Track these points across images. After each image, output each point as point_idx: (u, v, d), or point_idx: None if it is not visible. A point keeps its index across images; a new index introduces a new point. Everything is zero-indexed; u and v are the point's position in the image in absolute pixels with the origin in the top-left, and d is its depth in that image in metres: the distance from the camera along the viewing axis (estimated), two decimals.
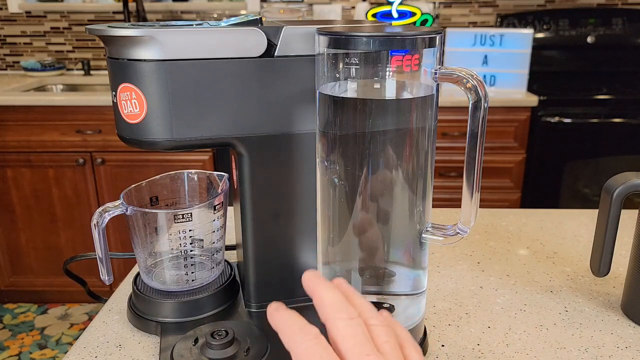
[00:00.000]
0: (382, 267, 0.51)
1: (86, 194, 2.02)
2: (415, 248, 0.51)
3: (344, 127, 0.46)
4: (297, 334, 0.31)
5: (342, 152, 0.47)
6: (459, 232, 0.48)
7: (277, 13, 2.17)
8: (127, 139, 0.51)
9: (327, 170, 0.49)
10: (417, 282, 0.52)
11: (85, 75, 2.42)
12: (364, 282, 0.51)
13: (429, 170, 0.48)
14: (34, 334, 2.01)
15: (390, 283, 0.52)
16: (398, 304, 0.53)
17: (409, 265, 0.52)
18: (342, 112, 0.46)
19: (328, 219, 0.51)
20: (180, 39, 0.47)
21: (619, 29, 2.25)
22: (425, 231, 0.50)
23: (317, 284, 0.34)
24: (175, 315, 0.58)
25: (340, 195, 0.49)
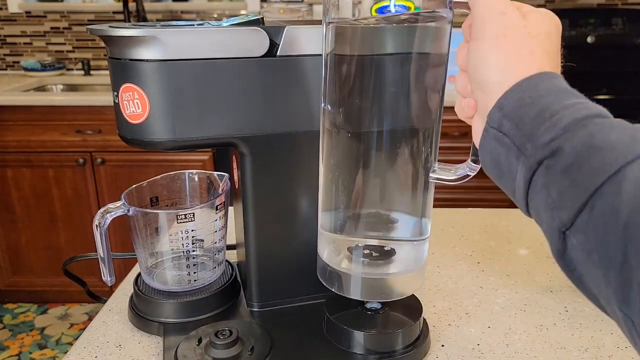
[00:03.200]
0: (384, 213, 0.50)
1: (86, 194, 2.02)
2: (420, 194, 0.49)
3: (351, 60, 0.44)
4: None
5: (347, 88, 0.45)
6: (469, 170, 0.45)
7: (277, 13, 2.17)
8: (129, 139, 0.51)
9: (330, 113, 0.48)
10: (420, 228, 0.51)
11: (85, 75, 2.41)
12: (366, 227, 0.50)
13: (439, 107, 0.46)
14: (34, 334, 2.01)
15: (393, 229, 0.51)
16: (399, 249, 0.52)
17: (411, 212, 0.51)
18: (351, 39, 0.44)
19: (330, 164, 0.49)
20: (182, 38, 0.47)
21: (619, 29, 2.25)
22: (433, 171, 0.48)
23: None
24: (178, 316, 0.58)
25: (344, 137, 0.48)
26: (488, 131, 0.36)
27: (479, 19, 0.37)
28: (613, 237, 0.27)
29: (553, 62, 0.36)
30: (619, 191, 0.28)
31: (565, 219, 0.30)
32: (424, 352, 0.55)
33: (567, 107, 0.32)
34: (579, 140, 0.31)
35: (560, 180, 0.31)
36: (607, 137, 0.30)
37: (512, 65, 0.35)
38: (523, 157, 0.33)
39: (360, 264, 0.51)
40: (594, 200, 0.29)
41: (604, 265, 0.28)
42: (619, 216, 0.27)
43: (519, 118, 0.34)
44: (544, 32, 0.36)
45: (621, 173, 0.28)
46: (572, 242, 0.30)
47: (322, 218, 0.53)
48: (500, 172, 0.36)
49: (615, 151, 0.29)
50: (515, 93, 0.35)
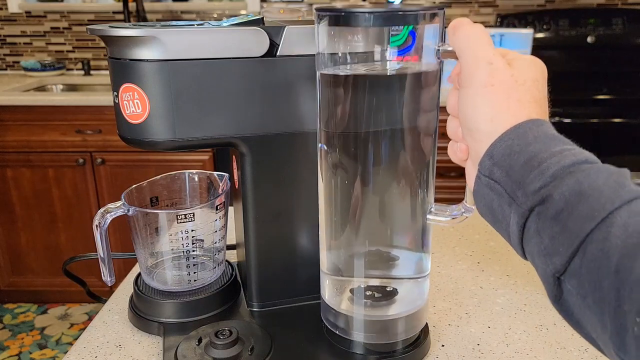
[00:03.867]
0: (385, 251, 0.50)
1: (86, 194, 2.02)
2: (419, 231, 0.50)
3: (345, 107, 0.45)
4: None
5: (343, 135, 0.46)
6: (465, 211, 0.46)
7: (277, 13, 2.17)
8: (129, 139, 0.51)
9: (328, 155, 0.49)
10: (421, 265, 0.52)
11: (85, 75, 2.41)
12: (367, 266, 0.51)
13: (432, 150, 0.47)
14: (34, 334, 2.01)
15: (394, 267, 0.51)
16: (401, 288, 0.52)
17: (412, 249, 0.51)
18: (342, 92, 0.46)
19: (330, 204, 0.50)
20: (183, 38, 0.47)
21: (619, 29, 2.25)
22: (429, 212, 0.48)
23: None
24: (178, 316, 0.58)
25: (342, 180, 0.48)
26: (480, 178, 0.37)
27: (467, 69, 0.38)
28: (605, 282, 0.28)
29: (540, 108, 0.37)
30: (608, 237, 0.28)
31: (558, 264, 0.31)
32: (424, 352, 0.55)
33: (554, 155, 0.33)
34: (567, 187, 0.31)
35: (551, 227, 0.32)
36: (594, 184, 0.31)
37: (501, 113, 0.36)
38: (515, 204, 0.34)
39: (362, 306, 0.52)
40: (585, 246, 0.29)
41: (598, 309, 0.29)
42: (610, 261, 0.28)
43: (509, 166, 0.35)
44: (530, 79, 0.37)
45: (609, 219, 0.29)
46: (567, 287, 0.31)
47: (323, 258, 0.54)
48: (494, 218, 0.37)
49: (603, 197, 0.30)
50: (504, 141, 0.36)
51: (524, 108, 0.36)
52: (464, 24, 0.39)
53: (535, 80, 0.38)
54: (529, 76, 0.37)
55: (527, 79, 0.37)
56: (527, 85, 0.37)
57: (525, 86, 0.37)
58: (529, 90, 0.37)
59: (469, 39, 0.38)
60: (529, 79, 0.37)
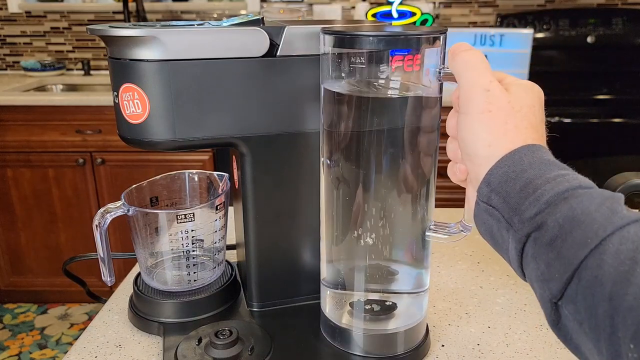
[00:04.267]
0: (385, 265, 0.51)
1: (86, 194, 2.02)
2: (418, 247, 0.51)
3: (348, 125, 0.47)
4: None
5: (345, 151, 0.47)
6: (463, 230, 0.47)
7: (277, 13, 2.17)
8: (129, 139, 0.51)
9: (330, 170, 0.49)
10: (420, 280, 0.52)
11: (85, 75, 2.41)
12: (366, 280, 0.51)
13: (432, 169, 0.48)
14: (34, 334, 2.01)
15: (393, 281, 0.52)
16: (400, 302, 0.53)
17: (411, 264, 0.52)
18: (346, 110, 0.47)
19: (332, 218, 0.51)
20: (183, 39, 0.47)
21: (619, 29, 2.25)
22: (429, 229, 0.50)
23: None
24: (177, 316, 0.58)
25: (344, 194, 0.49)
26: (479, 204, 0.38)
27: (465, 94, 0.39)
28: (600, 309, 0.28)
29: (537, 133, 0.38)
30: (601, 264, 0.29)
31: (555, 290, 0.32)
32: (424, 352, 0.55)
33: (548, 181, 0.34)
34: (561, 214, 0.32)
35: (547, 253, 0.32)
36: (586, 210, 0.31)
37: (498, 139, 0.37)
38: (512, 230, 0.35)
39: (362, 320, 0.52)
40: (580, 273, 0.30)
41: (594, 336, 0.29)
42: (604, 288, 0.28)
43: (506, 193, 0.35)
44: (526, 106, 0.38)
45: (602, 246, 0.29)
46: (564, 312, 0.32)
47: (324, 270, 0.54)
48: (495, 242, 0.38)
49: (595, 224, 0.30)
50: (501, 168, 0.36)
51: (521, 134, 0.37)
52: (462, 50, 0.40)
53: (531, 106, 0.38)
54: (526, 102, 0.38)
55: (524, 106, 0.38)
56: (524, 111, 0.38)
57: (522, 112, 0.38)
58: (525, 116, 0.38)
59: (466, 65, 0.39)
60: (525, 105, 0.38)
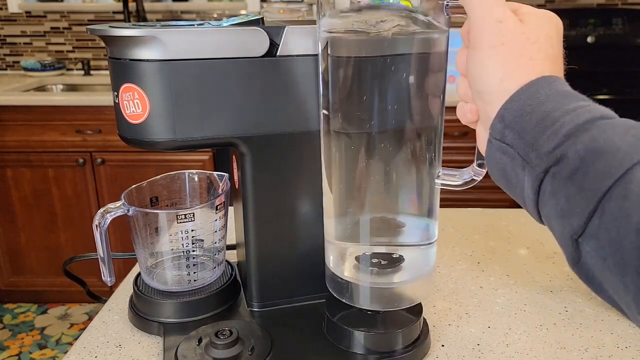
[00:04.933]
0: (391, 217, 0.50)
1: (86, 194, 2.02)
2: (426, 197, 0.49)
3: (348, 70, 0.44)
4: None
5: (347, 97, 0.45)
6: (474, 175, 0.45)
7: (277, 13, 2.17)
8: (129, 139, 0.51)
9: (331, 120, 0.47)
10: (427, 232, 0.51)
11: (85, 75, 2.41)
12: (372, 233, 0.50)
13: (440, 112, 0.46)
14: (34, 334, 2.01)
15: (400, 234, 0.50)
16: (407, 255, 0.52)
17: (419, 215, 0.50)
18: (347, 50, 0.44)
19: (334, 169, 0.49)
20: (183, 38, 0.47)
21: (619, 29, 2.25)
22: (438, 177, 0.47)
23: None
24: (177, 316, 0.58)
25: (346, 145, 0.47)
26: (492, 142, 0.36)
27: (476, 27, 0.37)
28: (626, 241, 0.27)
29: (555, 66, 0.36)
30: (628, 194, 0.27)
31: (576, 226, 0.30)
32: (424, 352, 0.55)
33: (567, 112, 0.32)
34: (582, 145, 0.30)
35: (567, 187, 0.30)
36: (610, 140, 0.29)
37: (512, 73, 0.35)
38: (529, 166, 0.33)
39: (369, 273, 0.51)
40: (603, 205, 0.28)
41: (620, 271, 0.28)
42: (630, 219, 0.27)
43: (521, 128, 0.33)
44: (543, 36, 0.36)
45: (628, 175, 0.27)
46: (585, 249, 0.30)
47: (328, 226, 0.53)
48: (508, 183, 0.36)
49: (620, 153, 0.28)
50: (515, 102, 0.34)
51: (536, 66, 0.35)
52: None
53: (549, 36, 0.36)
54: (542, 33, 0.36)
55: (540, 36, 0.35)
56: (540, 42, 0.35)
57: (538, 44, 0.35)
58: (541, 47, 0.35)
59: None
60: (542, 35, 0.36)
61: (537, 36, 0.36)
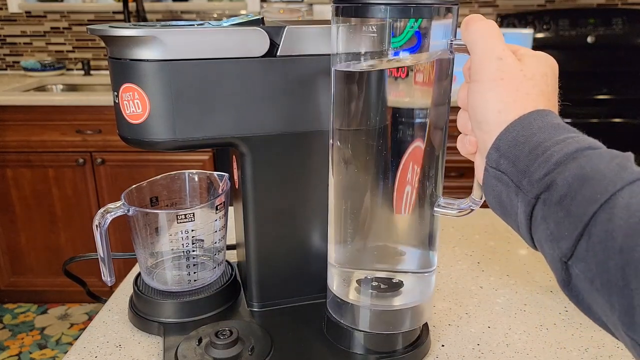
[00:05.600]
0: (392, 246, 0.51)
1: (86, 194, 2.02)
2: (426, 227, 0.50)
3: (358, 102, 0.46)
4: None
5: (355, 128, 0.47)
6: (472, 205, 0.47)
7: (277, 13, 2.17)
8: (129, 139, 0.51)
9: (339, 150, 0.49)
10: (427, 261, 0.52)
11: (85, 75, 2.41)
12: (374, 260, 0.51)
13: (442, 144, 0.48)
14: (34, 334, 2.01)
15: (400, 262, 0.52)
16: (407, 281, 0.52)
17: (419, 245, 0.51)
18: (356, 87, 0.46)
19: (340, 198, 0.50)
20: (183, 39, 0.47)
21: (619, 29, 2.25)
22: (437, 206, 0.49)
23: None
24: (177, 316, 0.58)
25: (353, 174, 0.48)
26: (488, 170, 0.38)
27: (478, 63, 0.39)
28: (611, 263, 0.28)
29: (549, 101, 0.38)
30: (612, 218, 0.29)
31: (565, 249, 0.32)
32: (424, 352, 0.55)
33: (558, 143, 0.34)
34: (570, 172, 0.32)
35: (556, 212, 0.32)
36: (596, 167, 0.31)
37: (509, 106, 0.37)
38: (521, 193, 0.35)
39: (369, 296, 0.52)
40: (590, 229, 0.30)
41: (606, 291, 0.29)
42: (615, 241, 0.28)
43: (515, 156, 0.36)
44: (539, 74, 0.38)
45: (612, 200, 0.29)
46: (574, 271, 0.31)
47: (331, 250, 0.54)
48: (504, 210, 0.38)
49: (605, 180, 0.30)
50: (510, 132, 0.36)
51: (532, 101, 0.37)
52: (477, 20, 0.40)
53: (544, 75, 0.39)
54: (538, 71, 0.38)
55: (536, 74, 0.38)
56: (536, 79, 0.38)
57: (534, 80, 0.38)
58: (537, 84, 0.38)
59: (481, 34, 0.39)
60: (537, 73, 0.38)
61: (533, 74, 0.38)
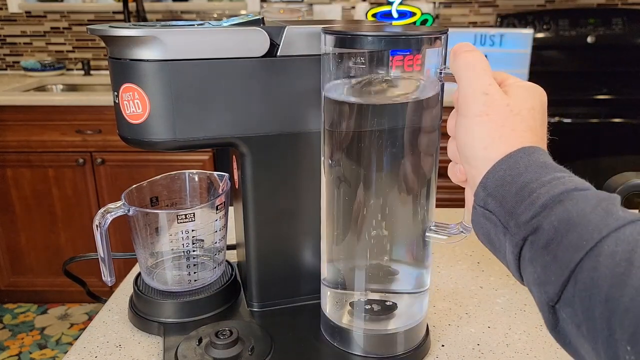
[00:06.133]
0: (385, 265, 0.51)
1: (86, 194, 2.02)
2: (419, 247, 0.51)
3: (349, 126, 0.47)
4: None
5: (347, 152, 0.48)
6: (463, 231, 0.48)
7: (277, 13, 2.17)
8: (129, 139, 0.51)
9: (332, 170, 0.49)
10: (420, 280, 0.52)
11: (85, 75, 2.41)
12: (367, 280, 0.51)
13: (433, 169, 0.48)
14: (34, 334, 2.01)
15: (393, 281, 0.52)
16: (401, 302, 0.53)
17: (412, 264, 0.52)
18: (347, 113, 0.47)
19: (333, 217, 0.51)
20: (183, 39, 0.47)
21: (619, 29, 2.25)
22: (429, 230, 0.50)
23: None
24: (178, 316, 0.58)
25: (345, 194, 0.49)
26: (476, 209, 0.38)
27: (464, 96, 0.39)
28: (597, 311, 0.28)
29: (536, 136, 0.38)
30: (597, 266, 0.29)
31: (552, 293, 0.31)
32: (424, 352, 0.55)
33: (544, 184, 0.34)
34: (556, 216, 0.32)
35: (543, 256, 0.32)
36: (582, 212, 0.31)
37: (495, 142, 0.37)
38: (509, 234, 0.35)
39: (362, 320, 0.52)
40: (576, 276, 0.30)
41: (592, 338, 0.29)
42: (600, 290, 0.28)
43: (502, 196, 0.35)
44: (526, 109, 0.38)
45: (597, 248, 0.29)
46: (562, 315, 0.31)
47: (324, 270, 0.54)
48: (493, 247, 0.38)
49: (591, 225, 0.30)
50: (497, 172, 0.36)
51: (518, 137, 0.37)
52: (463, 51, 0.39)
53: (531, 109, 0.38)
54: (525, 105, 0.38)
55: (523, 109, 0.38)
56: (523, 114, 0.37)
57: (520, 115, 0.37)
58: (524, 119, 0.37)
59: (466, 67, 0.39)
60: (524, 108, 0.38)
61: (520, 109, 0.38)
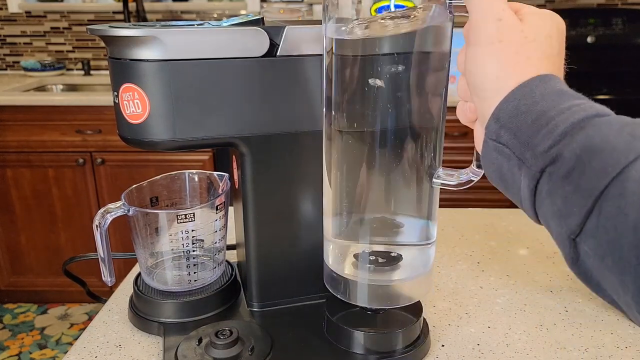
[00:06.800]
0: (390, 217, 0.50)
1: (86, 194, 2.02)
2: (425, 198, 0.49)
3: (353, 69, 0.44)
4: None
5: (350, 97, 0.45)
6: (472, 176, 0.45)
7: (277, 13, 2.17)
8: (129, 139, 0.51)
9: (334, 117, 0.47)
10: (426, 232, 0.51)
11: (85, 75, 2.41)
12: (372, 233, 0.50)
13: (441, 111, 0.46)
14: (34, 334, 2.01)
15: (399, 234, 0.51)
16: (406, 254, 0.52)
17: (417, 216, 0.50)
18: (350, 53, 0.44)
19: (336, 167, 0.49)
20: (183, 38, 0.47)
21: (619, 29, 2.25)
22: (436, 176, 0.48)
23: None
24: (178, 316, 0.58)
25: (348, 143, 0.47)
26: (488, 143, 0.36)
27: (475, 24, 0.36)
28: (624, 240, 0.26)
29: (553, 65, 0.35)
30: (624, 192, 0.27)
31: (573, 225, 0.29)
32: (424, 352, 0.55)
33: (563, 111, 0.32)
34: (578, 144, 0.30)
35: (563, 187, 0.30)
36: (606, 138, 0.29)
37: (508, 71, 0.35)
38: (525, 166, 0.32)
39: (367, 271, 0.51)
40: (600, 204, 0.28)
41: (618, 269, 0.27)
42: (627, 218, 0.26)
43: (516, 127, 0.33)
44: (543, 35, 0.35)
45: (624, 173, 0.27)
46: (583, 249, 0.30)
47: (327, 224, 0.53)
48: (505, 183, 0.35)
49: (616, 151, 0.28)
50: (511, 101, 0.34)
51: (533, 65, 0.34)
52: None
53: (548, 36, 0.36)
54: (542, 32, 0.35)
55: (539, 35, 0.35)
56: (539, 41, 0.35)
57: (536, 42, 0.35)
58: (539, 46, 0.35)
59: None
60: (540, 34, 0.35)
61: (536, 35, 0.35)
